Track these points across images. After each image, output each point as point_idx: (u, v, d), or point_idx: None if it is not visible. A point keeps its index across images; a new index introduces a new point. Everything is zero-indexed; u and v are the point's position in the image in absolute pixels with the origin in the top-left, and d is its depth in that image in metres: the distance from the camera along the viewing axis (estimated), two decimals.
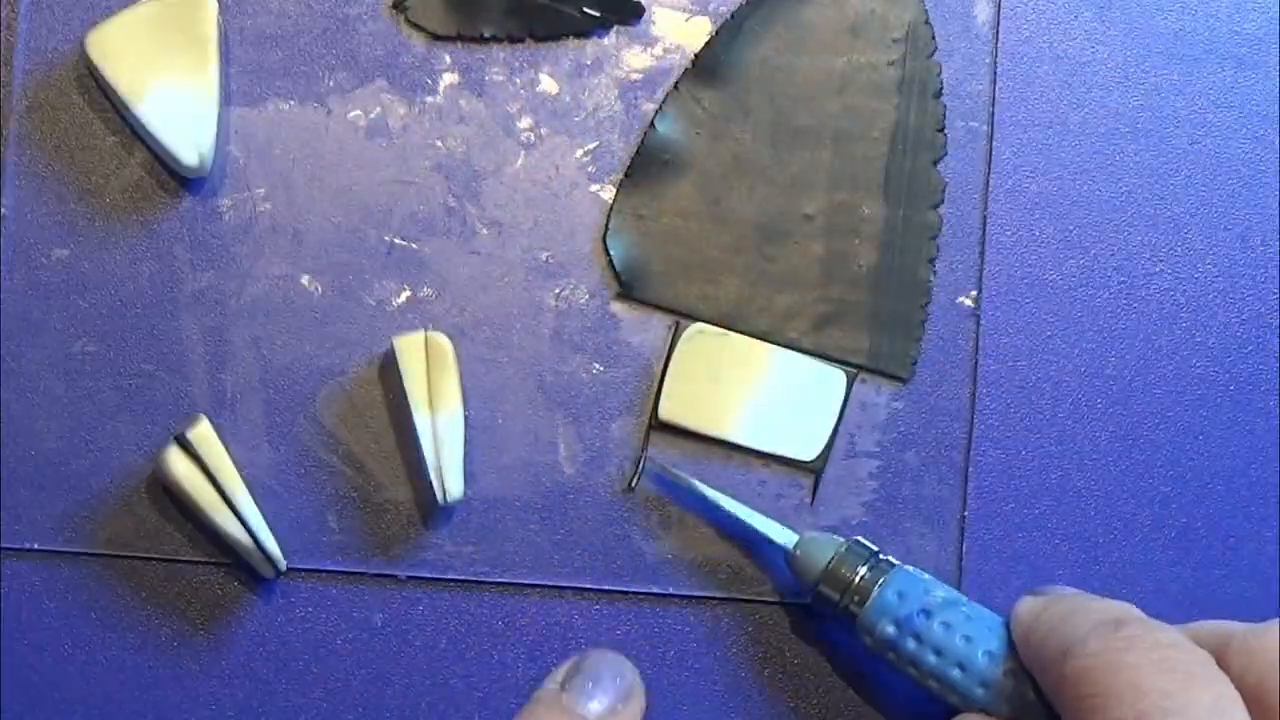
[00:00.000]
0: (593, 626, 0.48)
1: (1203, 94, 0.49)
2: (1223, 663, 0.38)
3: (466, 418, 0.47)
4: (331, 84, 0.48)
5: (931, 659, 0.42)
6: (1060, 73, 0.49)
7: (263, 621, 0.48)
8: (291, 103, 0.48)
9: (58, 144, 0.47)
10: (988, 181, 0.49)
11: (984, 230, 0.49)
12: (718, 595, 0.48)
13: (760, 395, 0.48)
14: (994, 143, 0.49)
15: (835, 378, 0.48)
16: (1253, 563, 0.49)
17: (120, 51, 0.46)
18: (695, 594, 0.48)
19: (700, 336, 0.48)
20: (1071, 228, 0.49)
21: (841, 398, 0.48)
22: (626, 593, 0.48)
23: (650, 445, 0.48)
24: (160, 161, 0.47)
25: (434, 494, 0.46)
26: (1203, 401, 0.49)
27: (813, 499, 0.48)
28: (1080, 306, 0.49)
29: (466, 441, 0.47)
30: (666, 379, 0.48)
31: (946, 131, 0.48)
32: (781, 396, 0.48)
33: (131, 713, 0.47)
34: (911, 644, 0.43)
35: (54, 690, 0.47)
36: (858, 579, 0.44)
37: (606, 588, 0.48)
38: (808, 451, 0.48)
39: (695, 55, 0.48)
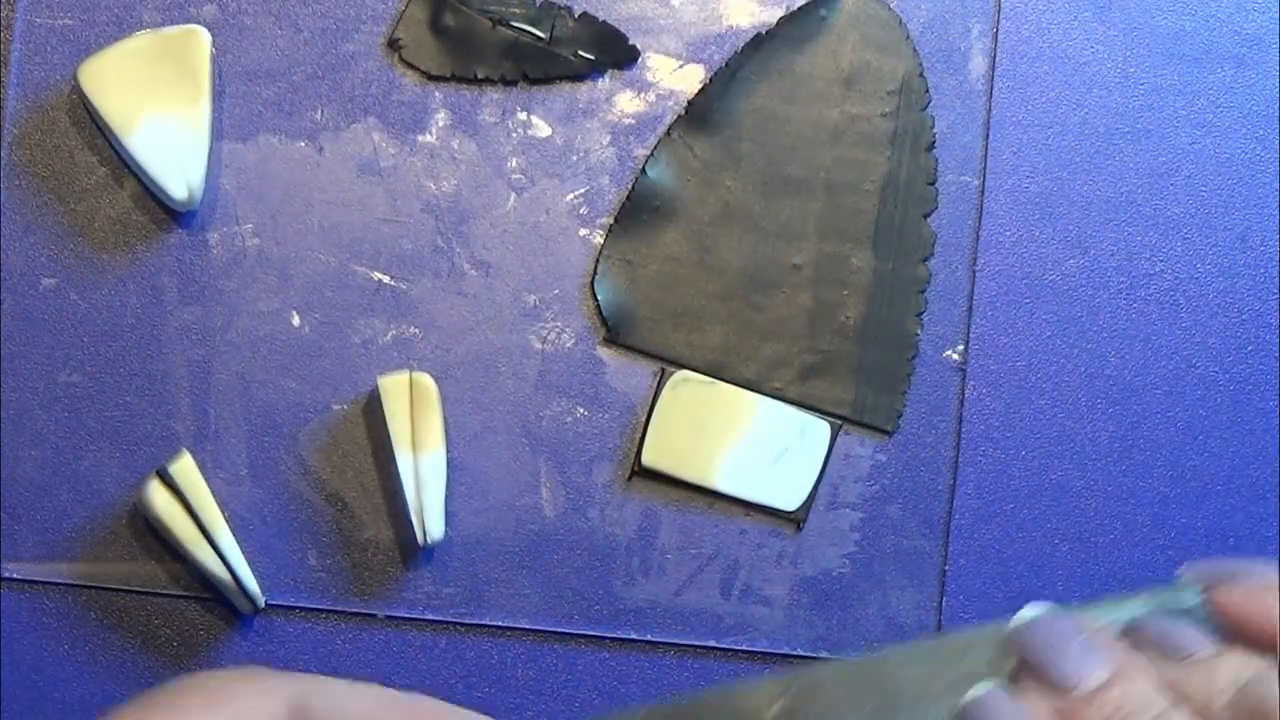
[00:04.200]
0: (570, 669, 0.48)
1: (1203, 94, 0.49)
2: None
3: (449, 459, 0.47)
4: (323, 121, 0.48)
5: None
6: (1060, 73, 0.49)
7: (240, 657, 0.47)
8: (283, 138, 0.48)
9: (48, 174, 0.47)
10: (977, 236, 0.49)
11: (973, 285, 0.49)
12: (695, 644, 0.48)
13: (744, 444, 0.48)
14: (993, 145, 0.49)
15: (819, 429, 0.48)
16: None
17: (113, 83, 0.46)
18: (674, 641, 0.48)
19: (685, 384, 0.48)
20: (1071, 228, 0.49)
21: (825, 449, 0.48)
22: (605, 638, 0.48)
23: (633, 490, 0.48)
24: (150, 194, 0.47)
25: (415, 534, 0.46)
26: (1202, 402, 0.49)
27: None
28: (1070, 340, 0.49)
29: (448, 482, 0.47)
30: (651, 425, 0.47)
31: (938, 185, 0.48)
32: (765, 446, 0.48)
33: None
34: None
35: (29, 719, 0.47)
36: None
37: (585, 632, 0.48)
38: (790, 501, 0.48)
39: (689, 102, 0.48)
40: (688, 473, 0.48)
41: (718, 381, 0.48)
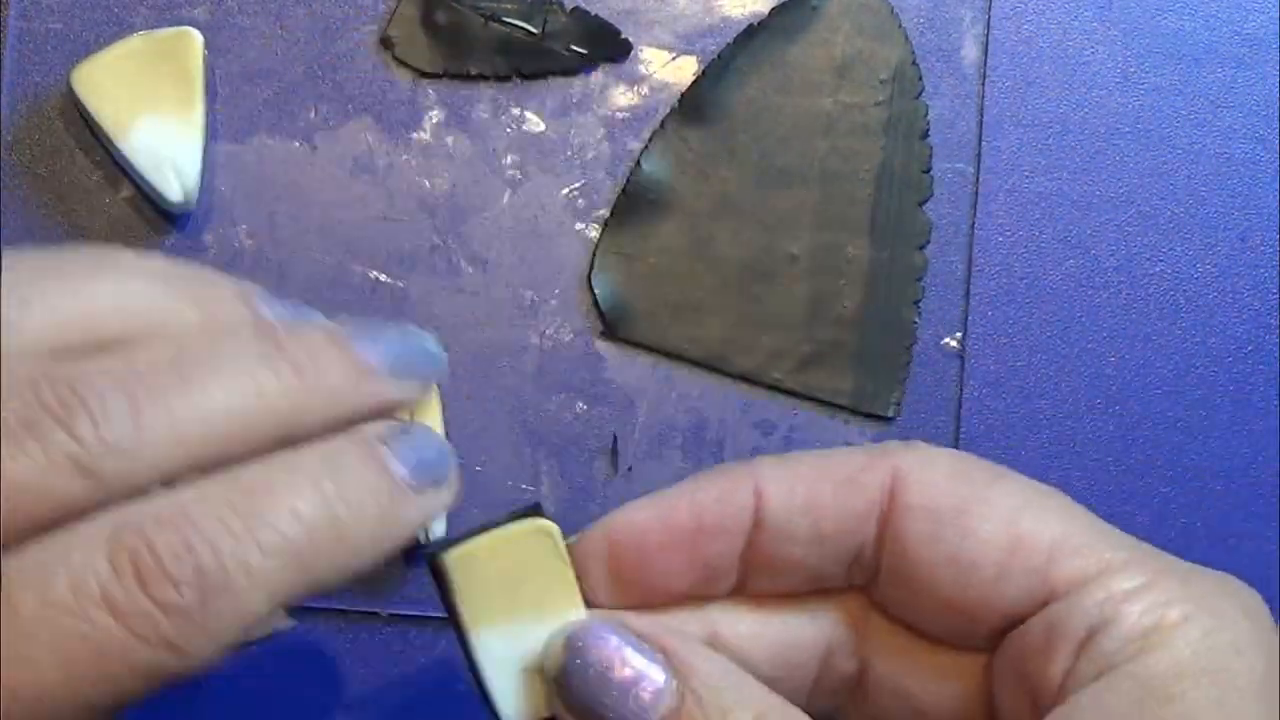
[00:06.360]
0: None
1: (1203, 94, 0.49)
2: None
3: None
4: (317, 120, 0.48)
5: None
6: (1060, 73, 0.49)
7: (243, 658, 0.47)
8: (277, 139, 0.48)
9: (43, 179, 0.47)
10: (973, 223, 0.49)
11: (969, 272, 0.49)
12: None
13: None
14: (987, 132, 0.49)
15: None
16: (1252, 563, 0.48)
17: (106, 87, 0.46)
18: None
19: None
20: (1071, 228, 0.49)
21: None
22: None
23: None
24: (145, 197, 0.47)
25: (417, 532, 0.46)
26: (1203, 402, 0.49)
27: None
28: (1069, 335, 0.49)
29: None
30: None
31: (933, 173, 0.48)
32: None
33: None
34: None
35: None
36: None
37: None
38: None
39: (682, 94, 0.48)
40: None
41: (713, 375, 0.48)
